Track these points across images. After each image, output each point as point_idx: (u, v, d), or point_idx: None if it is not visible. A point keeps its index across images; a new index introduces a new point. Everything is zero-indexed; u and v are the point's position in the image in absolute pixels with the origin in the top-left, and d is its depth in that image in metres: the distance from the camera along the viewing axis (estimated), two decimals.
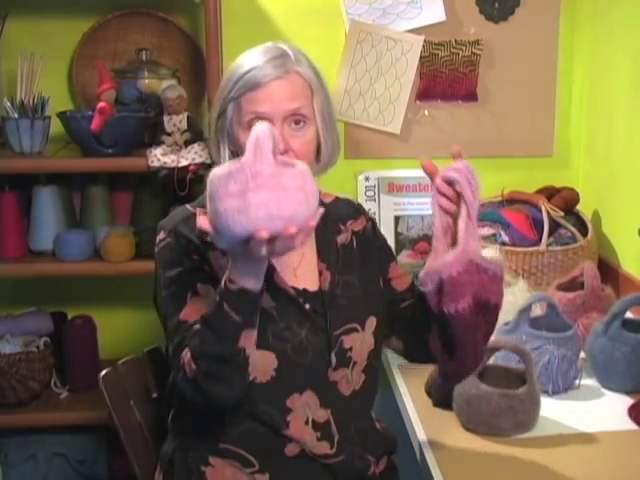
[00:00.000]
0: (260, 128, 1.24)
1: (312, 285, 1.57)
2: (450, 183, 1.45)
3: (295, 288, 1.55)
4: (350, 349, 1.56)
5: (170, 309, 1.49)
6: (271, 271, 1.50)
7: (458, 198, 1.45)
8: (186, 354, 1.42)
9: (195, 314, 1.44)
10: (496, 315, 1.50)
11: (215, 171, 1.24)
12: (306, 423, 1.53)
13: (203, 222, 1.26)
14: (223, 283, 1.35)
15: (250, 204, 1.19)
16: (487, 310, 1.47)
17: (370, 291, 1.61)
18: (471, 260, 1.42)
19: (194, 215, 1.48)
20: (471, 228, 1.43)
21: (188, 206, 1.58)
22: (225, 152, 1.57)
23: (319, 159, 1.58)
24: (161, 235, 1.54)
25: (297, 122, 1.51)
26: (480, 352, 1.53)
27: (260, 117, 1.48)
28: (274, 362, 1.50)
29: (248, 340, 1.39)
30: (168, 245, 1.52)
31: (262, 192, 1.19)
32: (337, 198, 1.70)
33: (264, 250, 1.25)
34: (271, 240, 1.23)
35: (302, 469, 1.55)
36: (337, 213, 1.65)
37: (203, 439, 1.56)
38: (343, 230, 1.64)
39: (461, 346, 1.49)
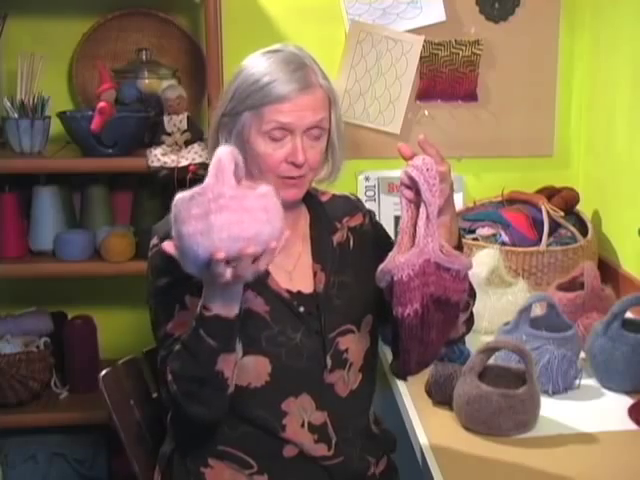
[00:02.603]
0: (222, 150, 1.25)
1: (307, 287, 1.57)
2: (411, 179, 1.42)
3: (289, 291, 1.55)
4: (346, 350, 1.56)
5: (158, 319, 1.51)
6: (265, 275, 1.51)
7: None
8: (168, 373, 1.44)
9: (181, 328, 1.45)
10: (456, 311, 1.46)
11: (179, 195, 1.24)
12: (302, 426, 1.53)
13: (168, 246, 1.27)
14: (199, 309, 1.36)
15: (213, 226, 1.19)
16: (447, 308, 1.43)
17: (368, 288, 1.59)
18: (428, 260, 1.38)
19: None
20: (431, 228, 1.38)
21: None
22: None
23: (325, 166, 1.59)
24: (154, 240, 1.55)
25: (316, 136, 1.52)
26: (432, 351, 1.47)
27: (283, 127, 1.49)
28: (268, 367, 1.50)
29: (226, 363, 1.39)
30: (159, 252, 1.52)
31: (224, 213, 1.19)
32: (334, 196, 1.69)
33: (227, 273, 1.24)
34: (234, 263, 1.23)
35: (301, 470, 1.55)
36: (333, 211, 1.65)
37: (201, 441, 1.56)
38: (339, 228, 1.63)
39: (404, 350, 1.44)
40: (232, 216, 1.19)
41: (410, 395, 1.82)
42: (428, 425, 1.69)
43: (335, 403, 1.56)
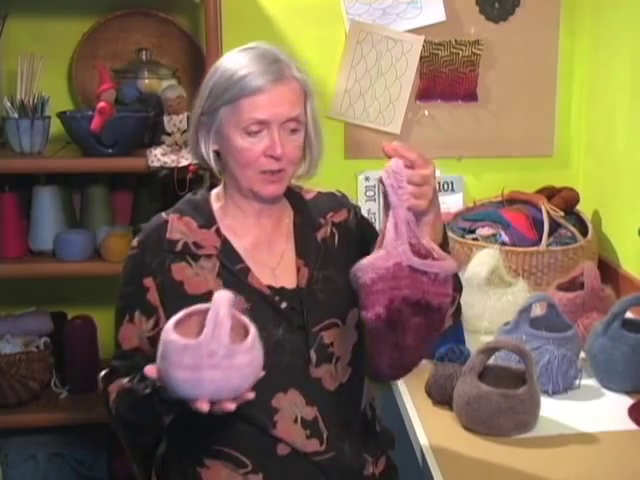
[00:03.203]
0: (220, 300, 1.26)
1: (290, 283, 1.57)
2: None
3: (272, 287, 1.55)
4: (331, 344, 1.56)
5: (116, 320, 1.58)
6: (246, 272, 1.54)
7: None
8: (111, 396, 1.53)
9: (127, 341, 1.54)
10: (441, 316, 1.41)
11: (171, 335, 1.26)
12: (295, 421, 1.53)
13: (150, 371, 1.31)
14: (153, 387, 1.38)
15: (203, 380, 1.25)
16: (429, 312, 1.38)
17: None
18: (399, 263, 1.35)
19: (166, 223, 1.56)
20: (402, 232, 1.36)
21: (163, 214, 1.60)
22: (207, 150, 1.57)
23: (302, 163, 1.60)
24: (134, 242, 1.60)
25: (293, 129, 1.52)
26: (411, 356, 1.43)
27: (259, 121, 1.49)
28: None
29: (169, 417, 1.46)
30: (133, 258, 1.58)
31: (216, 372, 1.24)
32: (319, 193, 1.70)
33: (205, 409, 1.28)
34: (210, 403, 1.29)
35: (295, 468, 1.54)
36: (317, 208, 1.65)
37: (196, 441, 1.57)
38: (323, 224, 1.63)
39: (372, 353, 1.43)
40: (222, 374, 1.25)
41: (410, 395, 1.82)
42: (428, 425, 1.69)
43: (324, 397, 1.56)
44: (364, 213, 1.77)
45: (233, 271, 1.54)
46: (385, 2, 2.60)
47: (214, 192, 1.63)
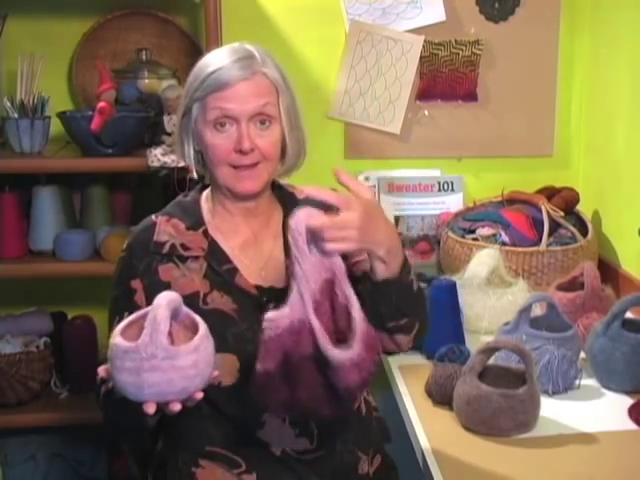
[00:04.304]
0: (158, 304, 1.27)
1: (279, 283, 1.57)
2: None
3: (260, 287, 1.55)
4: None
5: (108, 323, 1.57)
6: (233, 273, 1.54)
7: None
8: (100, 399, 1.53)
9: None
10: (347, 392, 1.35)
11: (117, 340, 1.27)
12: (283, 421, 1.53)
13: (102, 371, 1.33)
14: None
15: (143, 382, 1.24)
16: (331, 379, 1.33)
17: None
18: (302, 320, 1.31)
19: (154, 225, 1.57)
20: (304, 288, 1.32)
21: (153, 216, 1.61)
22: (190, 151, 1.58)
23: (284, 160, 1.60)
24: (124, 245, 1.60)
25: (263, 122, 1.52)
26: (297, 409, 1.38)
27: (226, 116, 1.50)
28: (236, 364, 1.51)
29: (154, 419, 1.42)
30: (121, 260, 1.59)
31: (156, 374, 1.24)
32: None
33: (152, 411, 1.28)
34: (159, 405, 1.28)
35: (287, 468, 1.54)
36: None
37: (190, 442, 1.57)
38: None
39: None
40: (163, 376, 1.24)
41: (410, 395, 1.82)
42: (428, 425, 1.69)
43: None
44: None
45: (220, 272, 1.54)
46: (385, 2, 2.60)
47: (205, 193, 1.64)
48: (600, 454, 1.58)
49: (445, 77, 2.66)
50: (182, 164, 2.25)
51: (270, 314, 1.34)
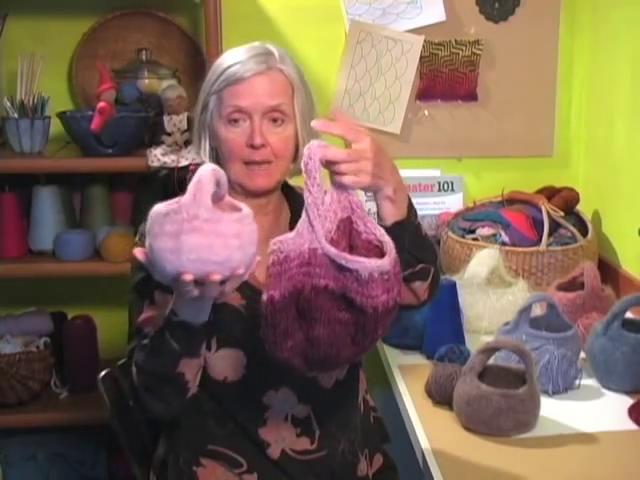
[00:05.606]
0: (203, 169, 1.22)
1: None
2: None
3: None
4: None
5: (132, 314, 1.54)
6: None
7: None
8: (133, 364, 1.47)
9: (149, 323, 1.47)
10: (368, 320, 1.27)
11: (155, 208, 1.22)
12: (285, 419, 1.53)
13: (138, 253, 1.26)
14: (167, 311, 1.36)
15: (183, 246, 1.18)
16: (355, 311, 1.27)
17: None
18: (314, 250, 1.27)
19: None
20: (313, 216, 1.28)
21: None
22: (206, 146, 1.59)
23: (296, 159, 1.59)
24: (136, 238, 1.59)
25: (276, 119, 1.53)
26: (319, 351, 1.30)
27: (240, 111, 1.51)
28: (243, 360, 1.51)
29: (188, 366, 1.40)
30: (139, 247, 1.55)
31: (196, 236, 1.17)
32: None
33: (194, 292, 1.24)
34: (200, 283, 1.22)
35: (288, 468, 1.55)
36: None
37: (191, 441, 1.56)
38: None
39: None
40: (203, 239, 1.18)
41: (410, 395, 1.82)
42: (428, 425, 1.69)
43: (319, 395, 1.56)
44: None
45: None
46: (385, 2, 2.60)
47: None
48: (600, 454, 1.58)
49: (445, 77, 2.66)
50: (182, 164, 2.26)
51: (275, 239, 1.30)
